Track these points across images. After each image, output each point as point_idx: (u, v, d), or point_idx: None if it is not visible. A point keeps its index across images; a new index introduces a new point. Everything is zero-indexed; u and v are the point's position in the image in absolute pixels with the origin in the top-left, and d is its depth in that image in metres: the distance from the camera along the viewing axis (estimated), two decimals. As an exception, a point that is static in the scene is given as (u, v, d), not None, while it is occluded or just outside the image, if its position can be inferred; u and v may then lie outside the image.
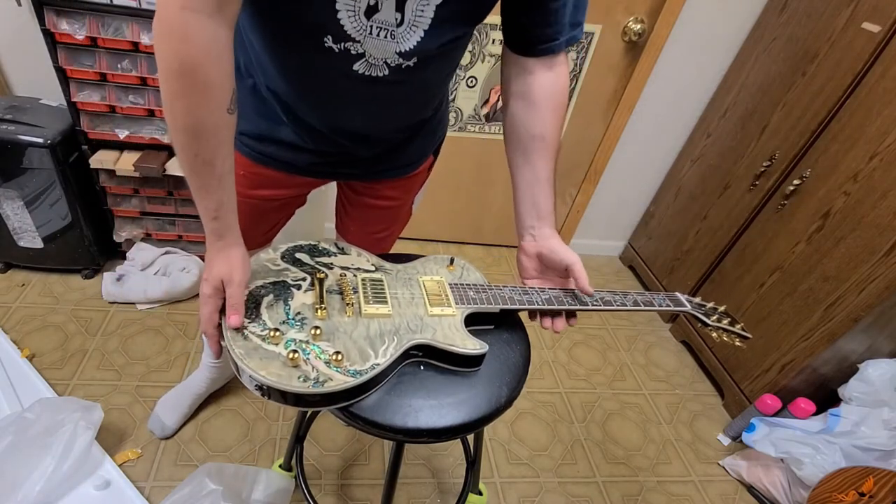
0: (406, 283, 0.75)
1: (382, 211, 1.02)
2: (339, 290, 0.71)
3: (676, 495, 1.43)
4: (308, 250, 0.77)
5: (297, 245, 0.77)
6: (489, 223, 2.21)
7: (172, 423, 1.33)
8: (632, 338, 1.93)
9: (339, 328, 0.66)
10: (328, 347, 0.63)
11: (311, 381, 0.59)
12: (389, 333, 0.67)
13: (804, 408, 1.40)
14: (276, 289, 0.69)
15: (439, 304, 0.72)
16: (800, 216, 1.46)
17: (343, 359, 0.61)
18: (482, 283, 0.78)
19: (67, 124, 1.48)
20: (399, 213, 1.05)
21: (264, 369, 0.59)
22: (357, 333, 0.66)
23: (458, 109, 1.83)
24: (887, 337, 1.36)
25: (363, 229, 1.06)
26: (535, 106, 0.77)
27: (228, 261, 0.65)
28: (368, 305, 0.69)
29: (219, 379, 1.40)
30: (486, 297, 0.75)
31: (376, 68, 0.67)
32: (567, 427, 1.56)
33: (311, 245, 0.78)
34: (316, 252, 0.77)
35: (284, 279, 0.71)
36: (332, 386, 0.59)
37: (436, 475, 1.37)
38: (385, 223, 1.05)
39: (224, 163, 0.61)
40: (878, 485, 1.23)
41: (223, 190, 0.63)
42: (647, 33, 1.70)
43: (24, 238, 1.61)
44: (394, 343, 0.66)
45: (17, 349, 1.44)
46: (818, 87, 1.42)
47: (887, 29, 1.24)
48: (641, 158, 2.02)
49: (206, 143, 0.59)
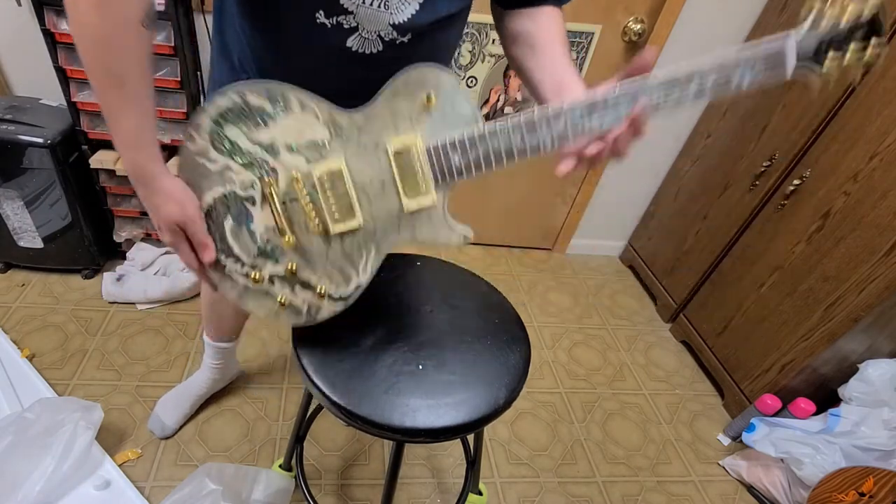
0: (373, 153, 0.62)
1: None
2: (297, 199, 0.63)
3: (676, 495, 1.43)
4: (238, 117, 0.60)
5: (222, 112, 0.60)
6: (489, 223, 2.21)
7: (173, 422, 1.33)
8: (632, 338, 1.93)
9: (313, 252, 0.64)
10: (310, 278, 0.64)
11: (303, 317, 0.66)
12: (366, 243, 0.64)
13: (804, 408, 1.40)
14: (232, 208, 0.63)
15: (415, 191, 0.62)
16: (800, 216, 1.46)
17: (326, 290, 0.64)
18: (471, 121, 0.60)
19: (67, 124, 1.48)
20: None
21: (262, 310, 0.65)
22: (332, 254, 0.64)
23: (458, 109, 1.83)
24: (887, 337, 1.36)
25: None
26: (535, 48, 0.72)
27: (170, 197, 0.61)
28: (336, 224, 0.63)
29: (220, 380, 1.39)
30: (476, 158, 0.60)
31: (370, 43, 0.65)
32: (567, 427, 1.56)
33: (240, 106, 0.60)
34: (249, 120, 0.61)
35: (232, 188, 0.63)
36: (324, 314, 0.67)
37: (436, 475, 1.37)
38: None
39: (139, 83, 0.58)
40: (878, 485, 1.23)
41: (141, 114, 0.59)
42: (647, 33, 1.70)
43: (24, 238, 1.61)
44: (372, 255, 0.65)
45: (17, 349, 1.44)
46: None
47: (887, 29, 1.24)
48: (641, 158, 2.02)
49: (117, 56, 0.56)
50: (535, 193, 2.11)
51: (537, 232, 2.26)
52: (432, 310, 0.85)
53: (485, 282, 0.94)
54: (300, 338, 0.77)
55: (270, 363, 1.58)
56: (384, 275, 0.90)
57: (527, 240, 2.29)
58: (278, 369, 1.56)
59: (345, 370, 0.72)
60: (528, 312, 1.95)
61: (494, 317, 0.86)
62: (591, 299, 2.08)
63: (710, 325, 1.77)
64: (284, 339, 1.66)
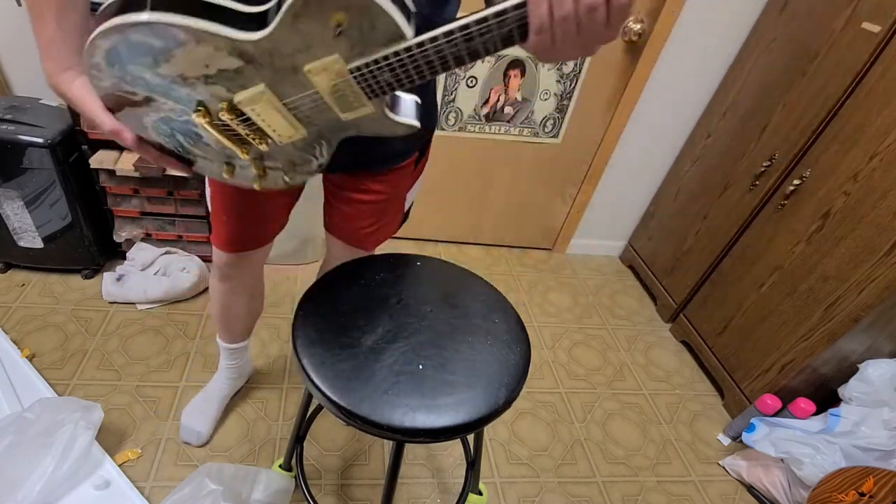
0: (293, 77, 0.55)
1: (367, 205, 0.97)
2: (233, 128, 0.61)
3: (676, 495, 1.43)
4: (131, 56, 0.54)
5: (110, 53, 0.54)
6: (489, 223, 2.21)
7: (206, 428, 1.33)
8: (632, 338, 1.93)
9: (270, 154, 0.67)
10: (276, 164, 0.67)
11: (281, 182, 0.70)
12: (317, 139, 0.65)
13: (804, 408, 1.40)
14: (177, 128, 0.64)
15: (349, 107, 0.58)
16: (800, 216, 1.46)
17: (293, 169, 0.68)
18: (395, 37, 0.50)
19: (67, 124, 1.48)
20: (387, 209, 1.00)
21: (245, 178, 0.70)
22: (288, 151, 0.67)
23: (458, 109, 1.83)
24: (887, 337, 1.36)
25: (349, 224, 1.02)
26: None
27: (77, 103, 0.64)
28: (281, 136, 0.63)
29: (238, 378, 1.41)
30: (407, 74, 0.53)
31: None
32: (567, 427, 1.56)
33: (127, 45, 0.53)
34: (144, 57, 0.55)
35: (168, 114, 0.61)
36: (298, 179, 0.70)
37: (436, 475, 1.37)
38: (371, 218, 1.01)
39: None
40: (878, 485, 1.23)
41: (56, 26, 0.61)
42: (647, 33, 1.70)
43: (24, 238, 1.61)
44: (325, 147, 0.66)
45: (17, 349, 1.44)
46: (818, 87, 1.42)
47: (887, 29, 1.24)
48: (641, 158, 2.02)
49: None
50: (535, 193, 2.12)
51: (537, 232, 2.26)
52: (432, 310, 0.85)
53: (485, 282, 0.94)
54: (300, 338, 0.77)
55: (270, 363, 1.58)
56: (384, 275, 0.91)
57: (527, 240, 2.29)
58: (278, 369, 1.56)
59: (345, 370, 0.72)
60: (528, 312, 1.96)
61: (494, 317, 0.86)
62: (591, 299, 2.08)
63: (710, 325, 1.77)
64: (284, 339, 1.66)
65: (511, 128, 1.89)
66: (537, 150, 1.97)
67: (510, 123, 1.88)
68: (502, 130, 1.90)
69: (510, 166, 2.01)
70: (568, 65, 1.75)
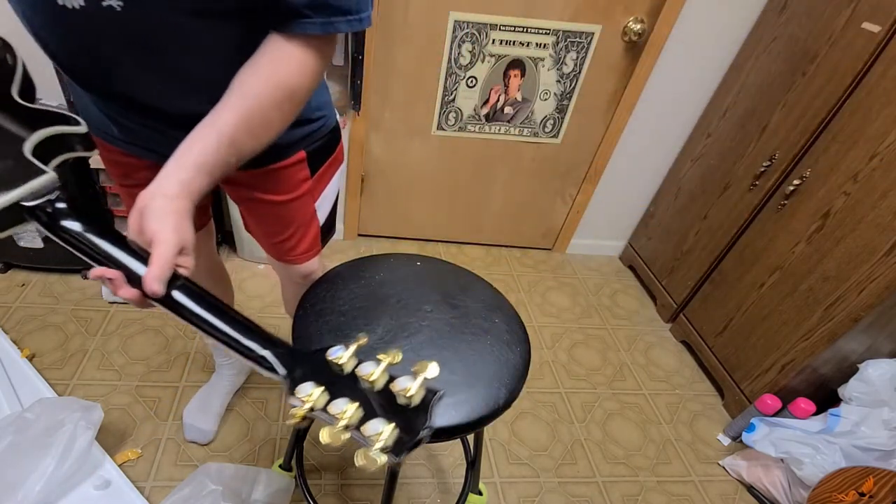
0: None
1: (269, 207, 0.89)
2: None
3: (676, 495, 1.43)
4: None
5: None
6: (489, 223, 2.21)
7: (210, 426, 1.33)
8: (632, 338, 1.93)
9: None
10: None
11: None
12: None
13: (804, 408, 1.40)
14: None
15: None
16: (800, 216, 1.46)
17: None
18: None
19: (67, 124, 1.48)
20: (292, 216, 0.92)
21: None
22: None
23: (457, 109, 1.83)
24: (887, 337, 1.36)
25: (260, 230, 0.96)
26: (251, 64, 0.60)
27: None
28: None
29: (239, 374, 1.42)
30: None
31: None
32: (567, 427, 1.56)
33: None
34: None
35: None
36: None
37: (436, 475, 1.37)
38: (279, 225, 0.93)
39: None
40: (878, 485, 1.23)
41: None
42: (647, 33, 1.70)
43: (25, 238, 1.61)
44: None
45: (17, 349, 1.44)
46: (818, 87, 1.42)
47: (887, 29, 1.24)
48: (641, 158, 2.02)
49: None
50: (535, 193, 2.12)
51: (537, 232, 2.27)
52: (432, 309, 0.85)
53: (485, 282, 0.94)
54: (300, 338, 0.77)
55: (270, 363, 1.58)
56: (384, 274, 0.91)
57: (527, 240, 2.29)
58: (278, 369, 1.56)
59: (345, 370, 0.72)
60: (528, 312, 1.96)
61: (494, 316, 0.86)
62: (590, 299, 2.08)
63: (710, 325, 1.77)
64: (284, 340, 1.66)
65: (511, 128, 1.89)
66: (537, 150, 1.97)
67: (510, 123, 1.88)
68: (502, 130, 1.90)
69: (510, 166, 2.01)
70: (568, 65, 1.75)
